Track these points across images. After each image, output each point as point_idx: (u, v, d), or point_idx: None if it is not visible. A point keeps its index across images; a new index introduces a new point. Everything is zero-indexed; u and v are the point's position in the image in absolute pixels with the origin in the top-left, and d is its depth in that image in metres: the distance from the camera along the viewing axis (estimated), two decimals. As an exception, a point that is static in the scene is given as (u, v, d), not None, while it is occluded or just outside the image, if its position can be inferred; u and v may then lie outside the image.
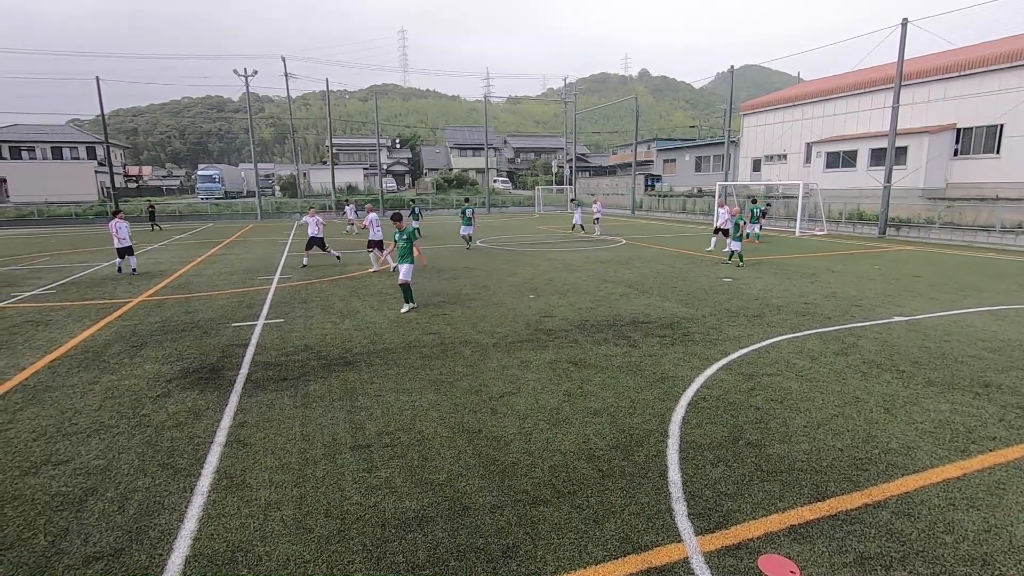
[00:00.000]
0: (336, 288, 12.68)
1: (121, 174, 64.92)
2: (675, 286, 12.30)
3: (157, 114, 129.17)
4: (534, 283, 12.90)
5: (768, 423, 5.22)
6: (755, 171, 41.36)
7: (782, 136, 38.33)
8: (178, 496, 4.11)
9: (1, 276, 15.42)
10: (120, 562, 3.39)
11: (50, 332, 9.05)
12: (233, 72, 41.52)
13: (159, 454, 4.78)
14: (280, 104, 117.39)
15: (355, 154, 76.17)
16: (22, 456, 4.78)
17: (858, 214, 26.87)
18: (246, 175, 63.74)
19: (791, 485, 4.14)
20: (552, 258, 17.46)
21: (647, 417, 5.39)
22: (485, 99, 56.11)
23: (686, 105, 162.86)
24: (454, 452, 4.74)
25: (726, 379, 6.41)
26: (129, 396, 6.14)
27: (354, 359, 7.35)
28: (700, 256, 17.32)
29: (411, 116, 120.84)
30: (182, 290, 12.82)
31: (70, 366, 7.26)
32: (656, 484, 4.18)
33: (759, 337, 8.11)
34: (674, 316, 9.47)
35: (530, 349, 7.68)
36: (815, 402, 5.72)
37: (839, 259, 16.65)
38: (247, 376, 6.73)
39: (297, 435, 5.11)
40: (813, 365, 6.86)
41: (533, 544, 3.51)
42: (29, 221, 40.84)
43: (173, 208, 46.51)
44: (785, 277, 13.38)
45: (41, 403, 5.98)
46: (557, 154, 78.27)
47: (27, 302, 11.66)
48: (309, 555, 3.43)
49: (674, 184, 52.45)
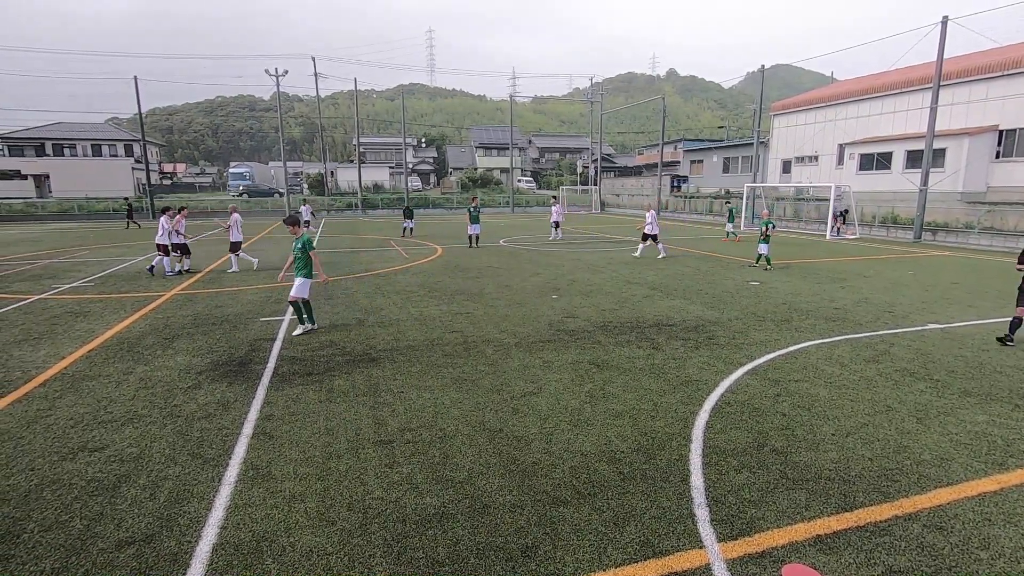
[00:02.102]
0: (361, 285, 12.85)
1: (157, 171, 66.87)
2: (700, 288, 12.14)
3: (191, 113, 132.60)
4: (557, 283, 12.87)
5: (795, 430, 5.12)
6: (785, 173, 40.54)
7: (814, 137, 37.48)
8: (206, 485, 4.22)
9: (44, 268, 16.03)
10: (151, 547, 3.49)
11: (88, 323, 9.38)
12: (265, 72, 42.39)
13: (189, 444, 4.91)
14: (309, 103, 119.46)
15: (381, 153, 77.05)
16: (60, 442, 4.97)
17: (892, 217, 26.13)
18: (275, 173, 65.02)
19: (818, 494, 4.05)
20: (576, 258, 17.39)
21: (670, 420, 5.33)
22: (511, 99, 56.22)
23: (714, 105, 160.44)
24: (475, 450, 4.76)
25: (752, 384, 6.30)
26: (161, 387, 6.32)
27: (378, 355, 7.44)
28: (726, 259, 17.05)
29: (437, 115, 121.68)
30: (212, 285, 13.14)
31: (106, 356, 7.51)
32: (678, 488, 4.14)
33: (786, 342, 7.95)
34: (699, 319, 9.34)
35: (552, 349, 7.67)
36: (844, 410, 5.58)
37: (871, 264, 16.22)
38: (274, 370, 6.87)
39: (321, 429, 5.19)
40: (842, 372, 6.70)
41: (552, 545, 3.51)
42: (70, 216, 42.35)
43: (206, 204, 47.70)
44: (814, 281, 13.09)
45: (79, 391, 6.20)
46: (582, 154, 77.90)
47: (67, 294, 12.10)
48: (331, 547, 3.49)
49: (701, 185, 51.72)
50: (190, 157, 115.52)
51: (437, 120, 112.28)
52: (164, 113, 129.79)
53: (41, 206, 44.59)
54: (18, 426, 5.29)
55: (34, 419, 5.45)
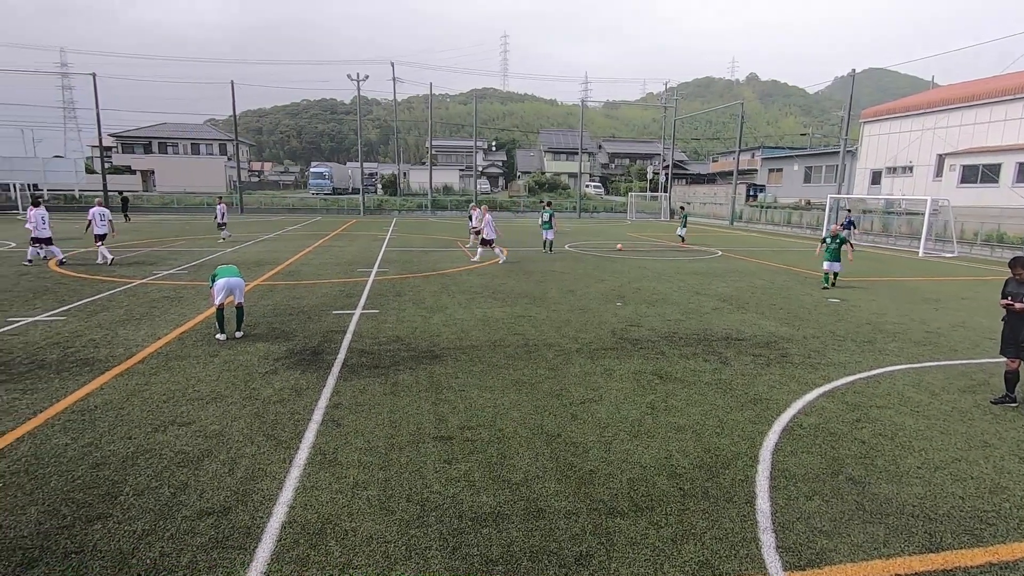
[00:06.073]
0: (428, 284, 13.19)
1: (246, 169, 71.69)
2: (774, 303, 11.57)
3: (279, 115, 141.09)
4: (622, 290, 12.67)
5: (874, 459, 4.78)
6: (874, 184, 37.91)
7: (909, 146, 34.82)
8: (278, 466, 4.47)
9: (145, 256, 17.57)
10: (227, 520, 3.74)
11: (182, 308, 10.18)
12: (347, 77, 44.44)
13: (265, 425, 5.22)
14: (386, 107, 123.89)
15: (452, 155, 78.82)
16: (154, 415, 5.42)
17: (997, 236, 23.79)
18: (352, 173, 68.03)
19: (898, 530, 3.76)
20: (642, 266, 17.05)
21: (736, 439, 5.12)
22: (582, 103, 55.99)
23: (798, 111, 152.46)
24: (532, 453, 4.77)
25: (828, 407, 5.94)
26: (242, 370, 6.77)
27: (441, 353, 7.61)
28: (804, 273, 16.15)
29: (508, 119, 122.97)
30: (291, 277, 13.91)
31: (196, 339, 8.12)
32: (742, 510, 3.96)
33: (868, 365, 7.43)
34: (771, 335, 8.91)
35: (614, 357, 7.55)
36: (933, 442, 5.15)
37: (971, 285, 14.85)
38: (343, 361, 7.18)
39: (385, 421, 5.38)
40: (933, 401, 6.18)
41: (607, 555, 3.45)
42: (170, 209, 46.13)
43: (288, 201, 50.59)
44: (904, 301, 12.15)
45: (171, 370, 6.75)
46: (653, 160, 76.27)
47: (165, 280, 13.19)
48: (390, 536, 3.61)
49: (779, 195, 49.26)
50: (276, 157, 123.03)
51: (507, 124, 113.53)
52: (255, 115, 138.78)
53: (146, 199, 48.86)
54: (120, 397, 5.82)
55: (133, 392, 5.98)
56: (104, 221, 15.93)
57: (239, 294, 8.20)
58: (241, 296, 8.26)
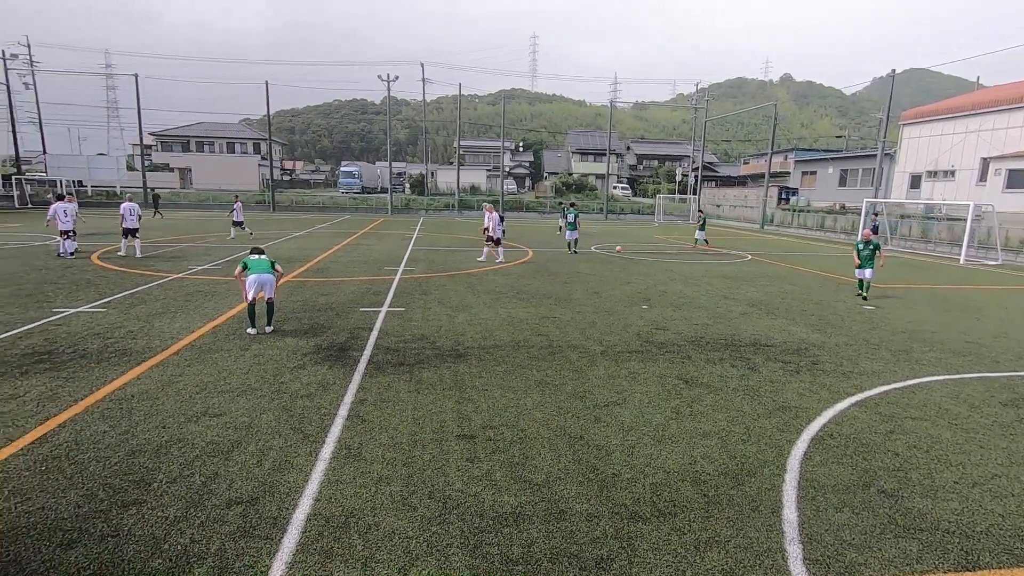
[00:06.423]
0: (454, 283, 13.28)
1: (279, 167, 73.26)
2: (805, 309, 11.30)
3: (311, 115, 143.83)
4: (648, 293, 12.54)
5: (908, 473, 4.62)
6: (913, 188, 36.69)
7: (951, 149, 33.60)
8: (304, 459, 4.56)
9: (181, 251, 18.11)
10: (255, 509, 3.83)
11: (215, 302, 10.47)
12: (377, 77, 45.06)
13: (292, 419, 5.33)
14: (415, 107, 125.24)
15: (480, 156, 79.15)
16: (187, 405, 5.59)
17: (1046, 243, 22.76)
18: (381, 172, 68.94)
19: (933, 546, 3.64)
20: (669, 269, 16.84)
21: (763, 447, 5.02)
22: (611, 104, 55.58)
23: (834, 113, 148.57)
24: (554, 455, 4.76)
25: (860, 417, 5.77)
26: (272, 364, 6.92)
27: (465, 352, 7.66)
28: (837, 278, 15.73)
29: (535, 120, 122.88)
30: (320, 274, 14.17)
31: (228, 332, 8.34)
32: (768, 520, 3.88)
33: (904, 375, 7.20)
34: (802, 342, 8.71)
35: (639, 360, 7.48)
36: (972, 457, 4.96)
37: (1015, 294, 14.25)
38: (369, 358, 7.28)
39: (409, 418, 5.43)
40: (972, 414, 5.95)
41: (628, 560, 3.42)
42: (206, 205, 47.43)
43: (318, 200, 51.51)
44: (942, 310, 11.73)
45: (204, 362, 6.94)
46: (682, 162, 75.28)
47: (199, 274, 13.58)
48: (412, 532, 3.64)
49: (812, 199, 48.10)
50: (307, 156, 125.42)
51: (535, 125, 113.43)
52: (288, 115, 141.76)
53: (182, 195, 50.36)
54: (155, 388, 6.02)
55: (168, 383, 6.18)
56: (134, 216, 16.52)
57: (269, 289, 8.39)
58: (271, 292, 8.45)
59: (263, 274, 8.29)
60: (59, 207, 15.88)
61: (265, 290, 8.34)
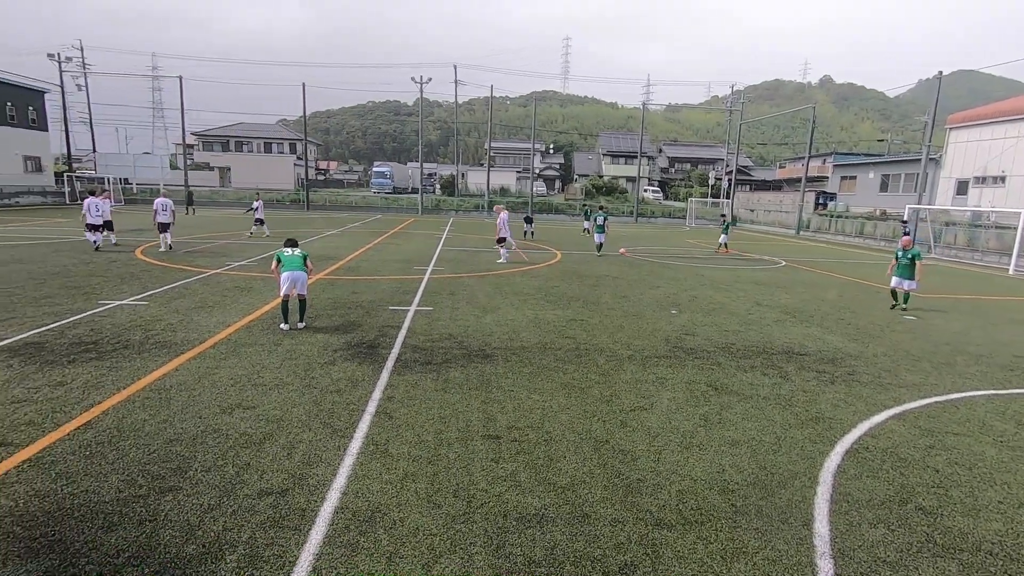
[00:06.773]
0: (482, 284, 13.34)
1: (314, 167, 74.90)
2: (842, 317, 10.97)
3: (346, 116, 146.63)
4: (677, 298, 12.37)
5: (949, 490, 4.45)
6: (959, 194, 35.25)
7: (1001, 154, 32.17)
8: (333, 453, 4.65)
9: (220, 248, 18.67)
10: (285, 501, 3.93)
11: (250, 297, 10.76)
12: (411, 79, 45.62)
13: (322, 413, 5.44)
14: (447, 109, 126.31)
15: (510, 157, 79.30)
16: (222, 397, 5.76)
17: (1104, 254, 21.56)
18: (412, 173, 69.77)
19: (973, 567, 3.49)
20: (699, 274, 16.57)
21: (794, 458, 4.90)
22: (643, 106, 55.03)
23: (876, 116, 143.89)
24: (579, 458, 4.74)
25: (898, 430, 5.58)
26: (303, 360, 7.08)
27: (492, 352, 7.69)
28: (876, 287, 15.22)
29: (567, 122, 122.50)
30: (351, 273, 14.42)
31: (262, 328, 8.56)
32: (798, 533, 3.79)
33: (946, 388, 6.93)
34: (837, 351, 8.46)
35: (667, 366, 7.39)
36: (1017, 475, 4.74)
37: (1070, 307, 13.55)
38: (397, 356, 7.38)
39: (435, 416, 5.48)
40: (1019, 431, 5.69)
41: (652, 567, 3.39)
42: (243, 204, 48.77)
43: (351, 199, 52.41)
44: (989, 322, 11.24)
45: (239, 356, 7.15)
46: (716, 165, 73.99)
47: (236, 271, 13.98)
48: (436, 529, 3.68)
49: (851, 204, 46.64)
50: (341, 156, 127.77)
51: (566, 127, 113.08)
52: (323, 116, 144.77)
53: (221, 194, 51.90)
54: (192, 379, 6.22)
55: (204, 375, 6.38)
56: (167, 211, 17.06)
57: (301, 286, 8.59)
58: (303, 289, 8.65)
59: (296, 271, 8.50)
60: (91, 202, 16.49)
61: (298, 287, 8.55)
